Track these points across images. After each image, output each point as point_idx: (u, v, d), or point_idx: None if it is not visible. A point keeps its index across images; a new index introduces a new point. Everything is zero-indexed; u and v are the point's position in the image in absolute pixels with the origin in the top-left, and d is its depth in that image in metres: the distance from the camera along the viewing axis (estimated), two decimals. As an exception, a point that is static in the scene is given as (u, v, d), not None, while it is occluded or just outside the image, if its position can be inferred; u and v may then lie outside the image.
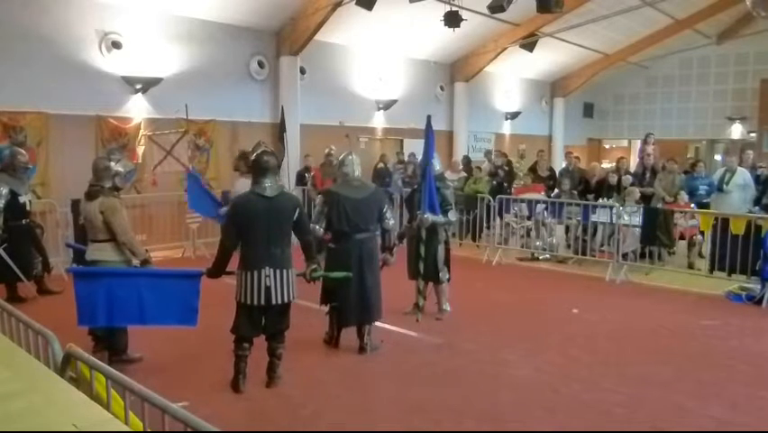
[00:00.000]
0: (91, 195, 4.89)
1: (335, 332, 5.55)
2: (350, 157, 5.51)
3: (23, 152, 7.10)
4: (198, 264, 4.31)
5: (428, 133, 6.28)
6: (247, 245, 4.42)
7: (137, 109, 9.75)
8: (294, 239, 4.62)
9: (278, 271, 4.37)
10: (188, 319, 4.58)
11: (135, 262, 4.98)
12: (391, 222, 5.57)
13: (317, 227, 5.30)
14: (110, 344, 4.94)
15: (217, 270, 4.55)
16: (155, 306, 4.52)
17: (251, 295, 4.36)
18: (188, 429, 1.93)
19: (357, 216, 5.30)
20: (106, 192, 4.89)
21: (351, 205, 5.28)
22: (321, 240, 5.42)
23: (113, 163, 5.01)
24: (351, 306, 5.34)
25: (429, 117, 6.28)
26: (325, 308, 5.57)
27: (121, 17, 9.38)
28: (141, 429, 2.22)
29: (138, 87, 9.67)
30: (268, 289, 4.35)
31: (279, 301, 4.40)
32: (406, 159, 12.47)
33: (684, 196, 9.27)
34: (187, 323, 4.60)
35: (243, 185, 5.91)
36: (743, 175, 9.23)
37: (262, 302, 4.37)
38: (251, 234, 4.38)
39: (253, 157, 4.45)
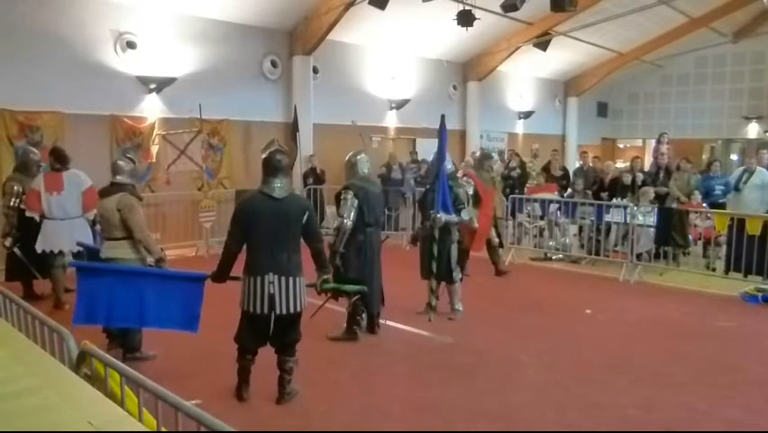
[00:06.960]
0: (107, 192, 4.94)
1: (364, 320, 5.86)
2: (361, 156, 5.81)
3: (35, 150, 7.17)
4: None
5: (442, 133, 6.28)
6: (251, 249, 4.16)
7: (151, 109, 9.83)
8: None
9: (282, 279, 4.08)
10: (190, 325, 4.36)
11: (150, 260, 5.01)
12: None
13: (346, 221, 5.50)
14: (124, 341, 4.97)
15: (221, 273, 4.31)
16: (156, 308, 4.32)
17: (254, 302, 4.10)
18: (202, 428, 1.93)
19: (378, 209, 5.84)
20: (129, 190, 4.93)
21: (373, 199, 5.70)
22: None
23: (131, 164, 5.10)
24: (373, 295, 5.68)
25: (443, 117, 6.28)
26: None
27: (135, 17, 9.47)
28: (155, 427, 2.23)
29: (152, 86, 9.76)
30: (272, 296, 4.07)
31: (284, 312, 4.11)
32: (419, 158, 12.49)
33: (698, 196, 9.17)
34: (188, 328, 4.38)
35: None
36: (761, 175, 9.07)
37: (265, 311, 4.10)
38: (254, 236, 4.13)
39: (265, 155, 4.37)
